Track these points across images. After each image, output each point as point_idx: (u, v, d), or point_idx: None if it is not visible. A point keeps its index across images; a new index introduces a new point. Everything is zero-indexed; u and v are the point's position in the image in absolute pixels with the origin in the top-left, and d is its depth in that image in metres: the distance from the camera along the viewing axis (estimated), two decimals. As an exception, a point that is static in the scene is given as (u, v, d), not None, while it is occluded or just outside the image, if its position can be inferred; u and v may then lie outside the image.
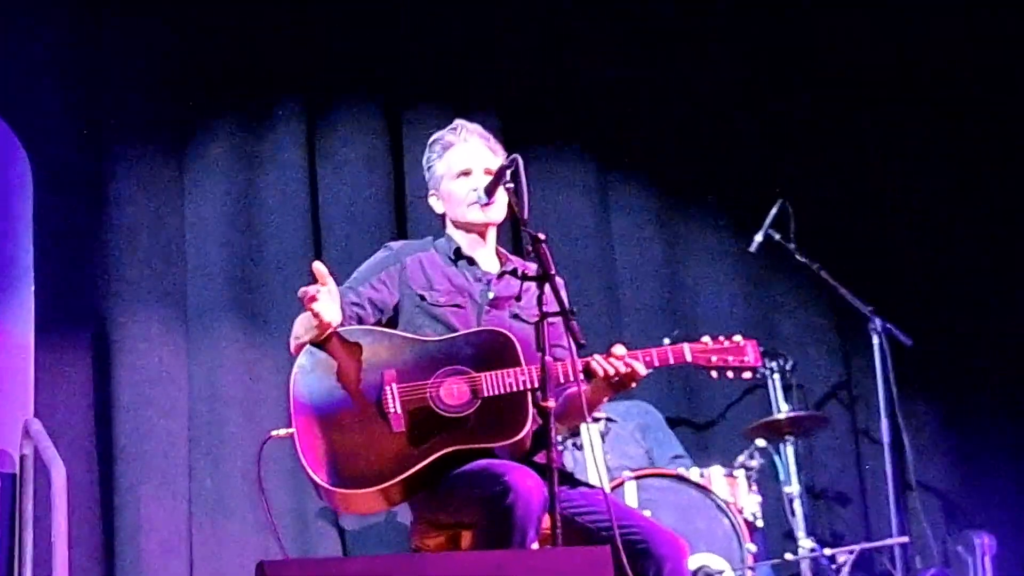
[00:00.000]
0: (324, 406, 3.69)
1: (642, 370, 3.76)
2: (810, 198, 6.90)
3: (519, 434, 3.66)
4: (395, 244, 4.11)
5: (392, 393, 3.68)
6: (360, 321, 3.87)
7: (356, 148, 6.56)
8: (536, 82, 6.98)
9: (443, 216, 4.11)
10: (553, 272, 3.56)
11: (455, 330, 3.84)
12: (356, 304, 3.87)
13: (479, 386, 3.71)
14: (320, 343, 3.73)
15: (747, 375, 3.92)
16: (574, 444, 5.89)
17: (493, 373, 3.68)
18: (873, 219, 7.12)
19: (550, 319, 3.51)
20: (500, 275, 4.00)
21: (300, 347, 3.78)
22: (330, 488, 3.63)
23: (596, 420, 5.90)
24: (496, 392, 3.68)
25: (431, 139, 4.15)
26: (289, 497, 5.99)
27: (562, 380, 3.72)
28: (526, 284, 3.83)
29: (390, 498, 3.69)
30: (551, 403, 3.42)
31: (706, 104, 7.14)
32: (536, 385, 3.63)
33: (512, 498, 3.46)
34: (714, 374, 3.89)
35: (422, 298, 3.90)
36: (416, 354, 3.79)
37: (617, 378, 3.74)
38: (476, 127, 4.11)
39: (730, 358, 3.87)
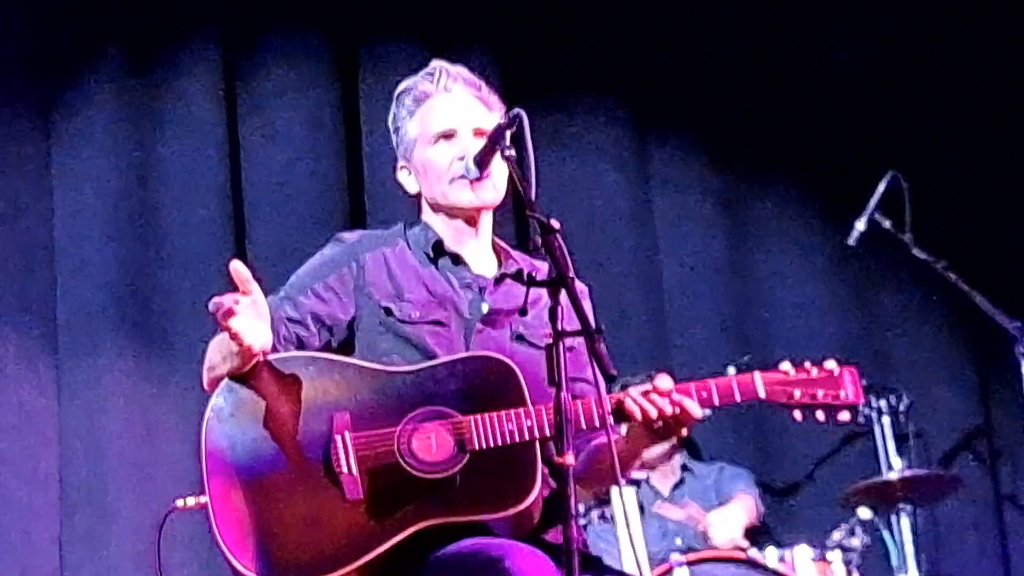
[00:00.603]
0: (249, 465, 3.68)
1: (696, 411, 3.73)
2: (933, 170, 6.91)
3: (523, 502, 3.62)
4: (349, 236, 4.10)
5: (345, 446, 3.66)
6: (300, 345, 3.87)
7: (293, 101, 6.58)
8: (547, 8, 7.00)
9: (417, 197, 4.09)
10: (572, 275, 3.53)
11: (434, 357, 3.82)
12: (294, 321, 3.86)
13: (467, 435, 3.69)
14: (243, 376, 3.74)
15: (844, 416, 3.89)
16: (602, 516, 5.91)
17: (486, 416, 3.66)
18: (1021, 198, 7.14)
19: (568, 341, 3.48)
20: (498, 279, 4.00)
21: (215, 381, 3.77)
22: (258, 580, 3.69)
23: (633, 483, 5.91)
24: (491, 443, 3.64)
25: (399, 89, 4.13)
26: (201, 593, 6.01)
27: (584, 425, 3.70)
28: (534, 292, 3.83)
29: (343, 593, 3.75)
30: (570, 459, 3.41)
31: (786, 37, 7.16)
32: (548, 433, 3.62)
33: (514, 592, 3.47)
34: (797, 415, 3.86)
35: (388, 312, 3.88)
36: (379, 391, 3.77)
37: (660, 422, 3.73)
38: (462, 71, 4.08)
39: (820, 393, 3.84)
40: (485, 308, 3.95)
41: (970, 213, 7.04)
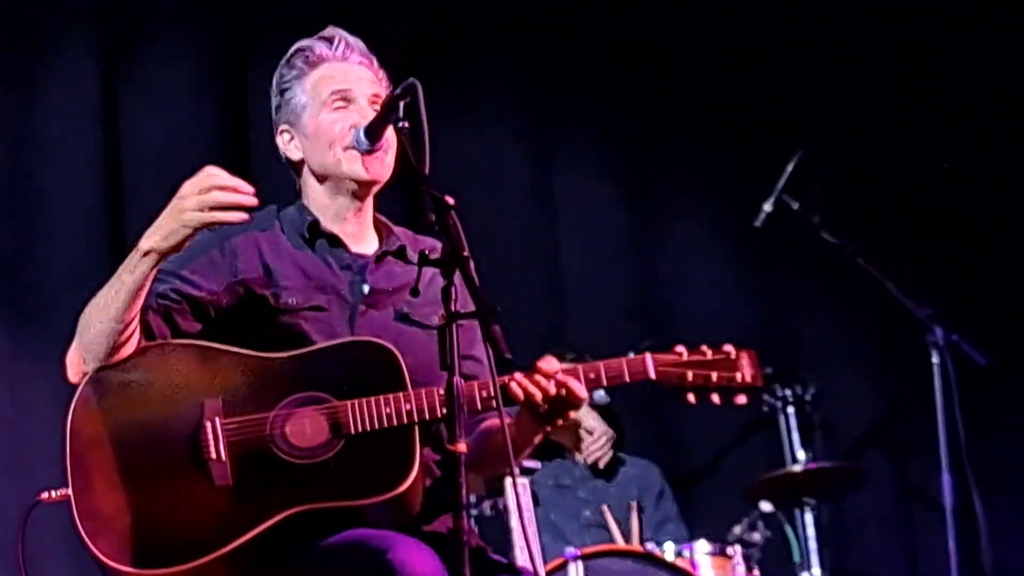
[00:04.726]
0: (116, 454, 3.68)
1: (581, 392, 3.75)
2: (844, 150, 6.98)
3: (398, 488, 3.63)
4: (218, 220, 4.09)
5: (215, 431, 3.68)
6: (172, 325, 3.85)
7: (176, 64, 6.56)
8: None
9: (299, 164, 4.08)
10: (467, 253, 3.52)
11: (311, 343, 3.82)
12: (171, 300, 3.84)
13: (343, 420, 3.70)
14: (112, 364, 3.71)
15: (741, 400, 3.91)
16: (493, 506, 5.92)
17: (363, 401, 3.68)
18: (934, 185, 7.20)
19: (461, 321, 3.47)
20: (379, 257, 4.00)
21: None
22: (119, 568, 3.60)
23: (527, 472, 5.92)
24: (367, 428, 3.66)
25: (292, 49, 4.11)
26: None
27: (467, 409, 3.58)
28: (428, 270, 3.76)
29: (211, 583, 3.71)
30: (462, 446, 3.40)
31: (696, 9, 7.19)
32: (427, 417, 3.66)
33: (396, 585, 3.49)
34: (691, 398, 3.88)
35: (263, 300, 3.88)
36: (254, 377, 3.77)
37: (545, 406, 3.75)
38: (359, 42, 4.09)
39: (714, 375, 3.87)
40: (366, 288, 3.95)
41: (882, 197, 7.10)
